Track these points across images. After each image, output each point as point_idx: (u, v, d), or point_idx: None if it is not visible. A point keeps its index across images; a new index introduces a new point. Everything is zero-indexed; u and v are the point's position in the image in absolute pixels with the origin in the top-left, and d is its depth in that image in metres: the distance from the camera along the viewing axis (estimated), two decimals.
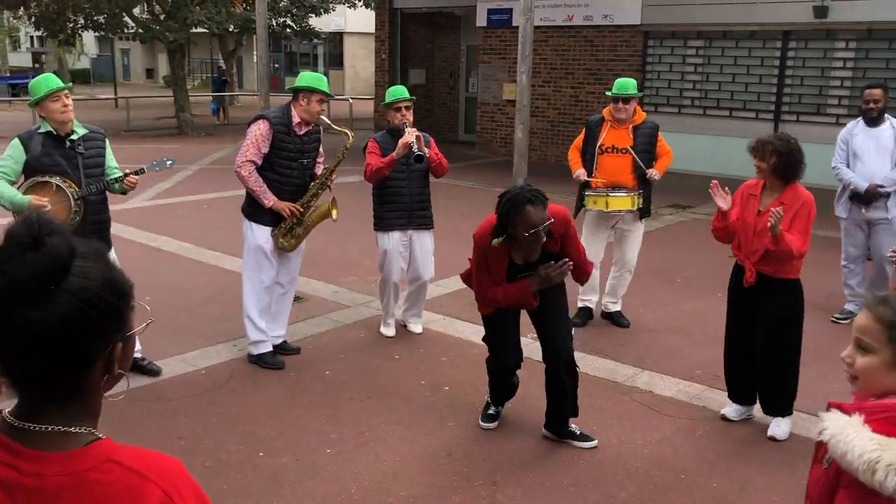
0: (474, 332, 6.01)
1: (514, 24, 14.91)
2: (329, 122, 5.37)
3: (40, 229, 1.12)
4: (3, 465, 1.13)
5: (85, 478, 1.13)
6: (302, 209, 5.24)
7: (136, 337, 1.30)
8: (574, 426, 4.35)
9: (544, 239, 3.92)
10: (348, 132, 5.42)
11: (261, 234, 5.19)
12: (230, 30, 21.69)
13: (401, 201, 5.69)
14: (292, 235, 5.29)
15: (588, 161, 6.08)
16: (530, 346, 5.74)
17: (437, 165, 5.69)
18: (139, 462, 1.16)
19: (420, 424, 4.51)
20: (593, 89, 15.14)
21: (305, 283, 7.17)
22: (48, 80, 4.64)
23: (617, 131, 5.99)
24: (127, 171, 4.87)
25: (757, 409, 4.61)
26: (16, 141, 4.64)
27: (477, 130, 17.38)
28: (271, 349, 5.35)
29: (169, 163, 5.19)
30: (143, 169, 4.97)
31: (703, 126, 13.98)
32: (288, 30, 23.73)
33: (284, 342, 5.54)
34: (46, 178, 4.57)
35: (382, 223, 5.76)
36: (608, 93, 6.09)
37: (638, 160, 5.92)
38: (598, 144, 6.00)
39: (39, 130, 4.65)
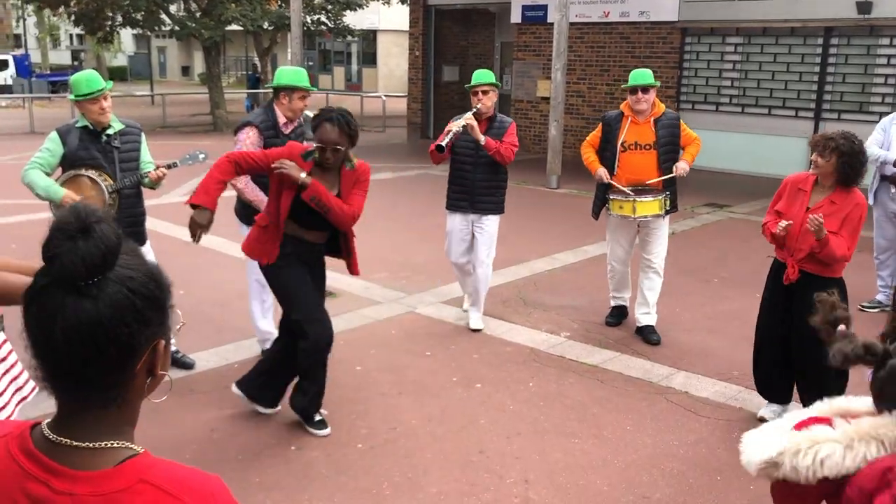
0: (506, 330, 5.97)
1: (549, 20, 14.81)
2: (311, 115, 5.36)
3: (87, 217, 1.10)
4: (36, 481, 1.10)
5: (117, 499, 1.08)
6: None
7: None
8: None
9: (330, 160, 4.01)
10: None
11: None
12: (265, 27, 21.82)
13: (464, 185, 5.83)
14: None
15: (608, 159, 5.72)
16: (541, 338, 5.69)
17: (495, 154, 5.63)
18: (174, 484, 1.11)
19: (451, 421, 4.48)
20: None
21: (337, 278, 7.16)
22: (90, 82, 4.66)
23: (638, 126, 5.65)
24: (158, 164, 4.90)
25: (792, 408, 4.51)
26: (54, 134, 4.71)
27: None
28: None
29: (202, 156, 5.20)
30: (175, 163, 5.01)
31: (740, 124, 13.77)
32: (322, 27, 23.82)
33: None
34: (82, 172, 4.63)
35: (447, 204, 5.97)
36: (624, 85, 5.80)
37: (665, 177, 5.60)
38: (620, 141, 5.66)
39: (77, 124, 4.71)
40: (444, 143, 5.57)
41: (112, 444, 1.13)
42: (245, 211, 5.21)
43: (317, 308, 4.25)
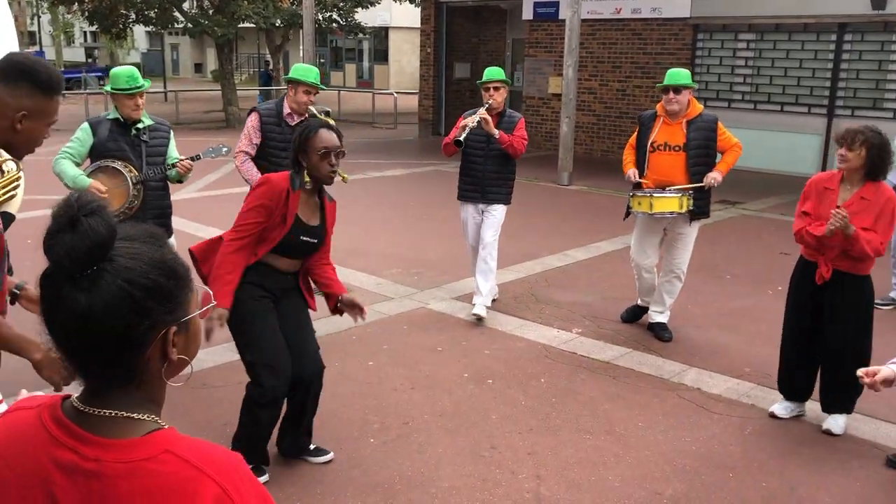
0: (518, 326, 5.97)
1: (561, 17, 14.78)
2: (315, 111, 5.52)
3: (79, 210, 1.11)
4: (66, 448, 1.13)
5: (142, 467, 1.11)
6: None
7: (201, 323, 1.27)
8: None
9: (336, 167, 3.58)
10: (329, 121, 5.53)
11: None
12: (277, 24, 21.86)
13: (474, 176, 6.02)
14: None
15: (639, 159, 5.64)
16: (553, 335, 5.70)
17: (508, 146, 5.83)
18: (197, 455, 1.14)
19: (463, 416, 4.49)
20: (640, 83, 14.95)
21: (350, 274, 7.20)
22: (130, 78, 4.79)
23: (670, 127, 5.52)
24: (181, 157, 4.98)
25: (808, 407, 4.50)
26: (85, 125, 4.88)
27: None
28: None
29: (225, 150, 5.29)
30: (198, 155, 5.14)
31: (753, 121, 13.70)
32: (334, 24, 23.85)
33: None
34: (108, 163, 4.75)
35: (459, 194, 6.17)
36: (658, 86, 5.72)
37: (692, 187, 5.45)
38: (650, 141, 5.58)
39: (109, 116, 4.87)
40: (461, 138, 5.70)
41: (138, 416, 1.16)
42: None
43: (275, 351, 3.65)
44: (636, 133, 5.80)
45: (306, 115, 5.42)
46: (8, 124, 2.35)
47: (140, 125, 4.86)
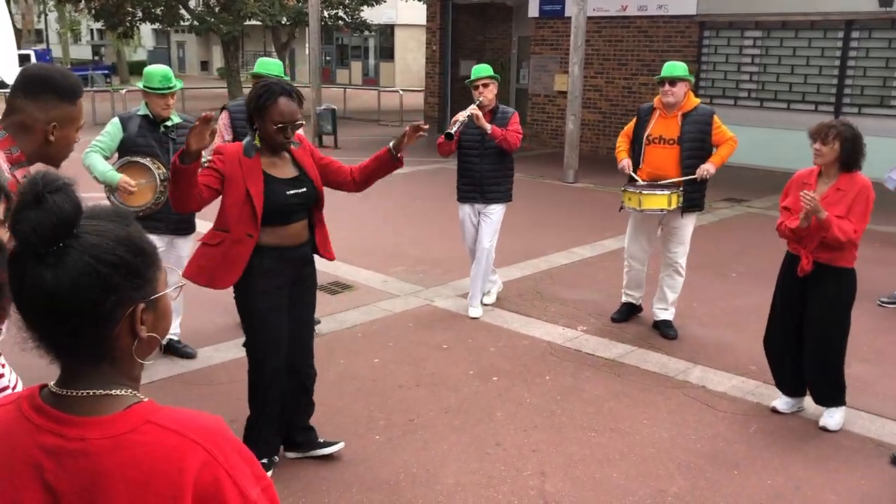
0: (523, 324, 5.98)
1: (567, 14, 14.75)
2: None
3: (44, 187, 1.12)
4: (48, 433, 1.15)
5: (126, 439, 1.13)
6: None
7: (172, 303, 1.29)
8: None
9: (290, 140, 3.50)
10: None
11: None
12: (283, 22, 21.93)
13: (471, 176, 5.98)
14: None
15: (636, 151, 5.73)
16: (558, 332, 5.70)
17: (502, 141, 5.81)
18: (179, 422, 1.16)
19: (468, 413, 4.50)
20: (647, 81, 14.91)
21: (356, 272, 7.22)
22: (164, 78, 4.87)
23: (665, 120, 5.56)
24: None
25: (808, 401, 4.53)
26: (116, 119, 4.96)
27: (527, 122, 17.26)
28: None
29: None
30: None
31: (759, 118, 13.68)
32: (340, 22, 23.88)
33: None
34: (137, 159, 4.81)
35: (458, 196, 6.14)
36: (656, 78, 5.77)
37: (685, 178, 5.47)
38: (646, 134, 5.64)
39: (139, 112, 4.95)
40: (452, 131, 5.64)
41: (116, 392, 1.17)
42: None
43: (274, 334, 3.67)
44: (633, 125, 5.85)
45: None
46: (42, 138, 2.45)
47: (169, 123, 4.94)
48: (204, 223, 9.05)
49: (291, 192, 3.58)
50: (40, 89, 2.46)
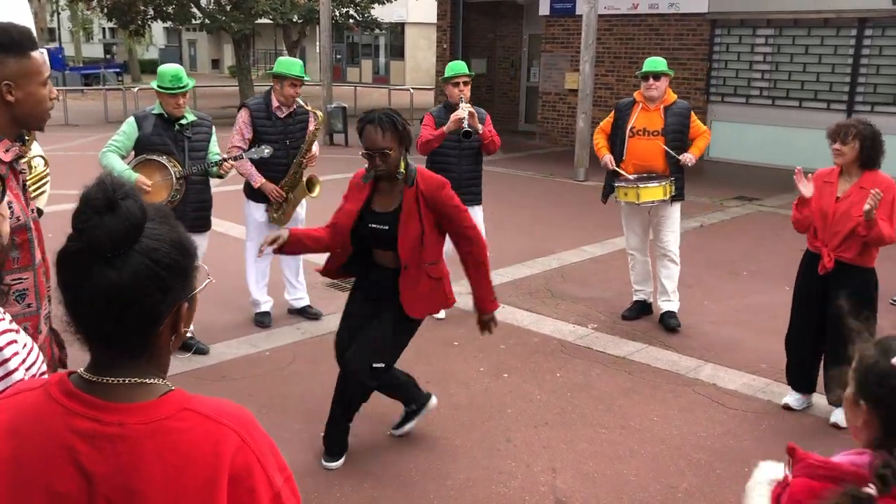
0: (533, 321, 6.00)
1: (578, 12, 14.73)
2: (303, 102, 5.60)
3: (115, 192, 1.17)
4: (83, 418, 1.18)
5: (164, 425, 1.18)
6: (285, 190, 5.57)
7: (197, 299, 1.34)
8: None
9: (378, 168, 3.60)
10: (317, 112, 5.67)
11: (257, 211, 5.65)
12: (294, 20, 21.96)
13: (449, 178, 5.72)
14: (282, 211, 5.63)
15: (618, 145, 5.85)
16: (569, 330, 5.71)
17: (490, 143, 5.77)
18: (214, 410, 1.23)
19: (479, 410, 4.52)
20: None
21: None
22: (175, 78, 4.91)
23: (648, 113, 5.77)
24: (225, 157, 5.08)
25: (817, 398, 4.54)
26: (131, 119, 5.01)
27: (538, 120, 17.26)
28: (266, 311, 5.82)
29: (267, 151, 5.30)
30: (241, 155, 5.25)
31: (771, 117, 13.62)
32: (350, 20, 23.90)
33: (308, 306, 5.97)
34: (153, 157, 4.87)
35: None
36: (637, 73, 5.95)
37: (669, 151, 5.65)
38: (629, 127, 5.78)
39: (153, 111, 4.99)
40: (472, 129, 5.51)
41: (150, 381, 1.22)
42: (249, 188, 5.64)
43: (341, 336, 3.94)
44: (612, 120, 5.99)
45: (294, 107, 5.53)
46: (0, 101, 2.28)
47: (184, 121, 4.98)
48: (218, 221, 9.09)
49: (373, 224, 3.75)
50: None
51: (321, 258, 4.05)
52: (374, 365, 3.76)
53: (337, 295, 6.49)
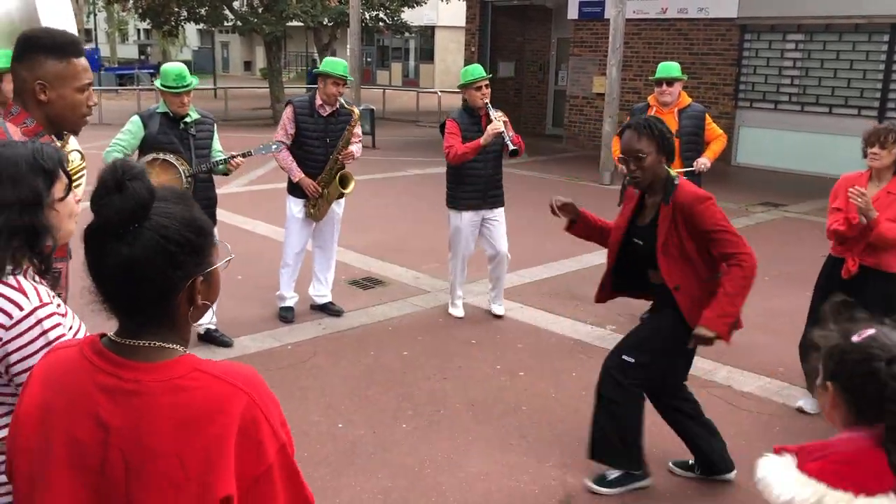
0: (551, 322, 6.05)
1: (606, 16, 14.75)
2: (343, 101, 5.71)
3: (123, 174, 1.28)
4: (106, 374, 1.31)
5: (177, 383, 1.30)
6: (321, 185, 5.71)
7: (219, 274, 1.44)
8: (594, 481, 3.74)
9: (636, 172, 3.41)
10: (355, 110, 5.77)
11: (296, 206, 5.80)
12: (325, 23, 22.16)
13: (476, 182, 5.84)
14: (318, 207, 5.76)
15: None
16: (586, 330, 5.75)
17: (519, 145, 5.75)
18: (224, 371, 1.34)
19: (493, 406, 4.59)
20: (686, 84, 14.82)
21: (389, 268, 7.35)
22: (178, 76, 4.97)
23: (662, 116, 5.69)
24: (233, 153, 5.19)
25: None
26: (136, 118, 5.07)
27: (565, 124, 17.29)
28: (290, 305, 5.94)
29: (274, 147, 5.46)
30: (250, 152, 5.34)
31: (800, 123, 13.53)
32: (380, 23, 24.08)
33: (330, 303, 6.08)
34: (161, 156, 4.94)
35: (456, 202, 5.93)
36: (651, 77, 6.06)
37: (680, 172, 5.64)
38: None
39: (158, 110, 5.07)
40: (515, 147, 5.57)
41: (169, 345, 1.34)
42: (290, 184, 5.80)
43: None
44: None
45: (337, 106, 5.64)
46: (33, 99, 2.39)
47: (188, 119, 5.06)
48: (245, 219, 9.19)
49: (635, 239, 3.60)
50: (25, 49, 2.39)
51: (353, 259, 4.13)
52: (625, 357, 3.57)
53: (358, 293, 6.61)
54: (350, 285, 6.77)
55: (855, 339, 1.59)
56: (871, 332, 1.59)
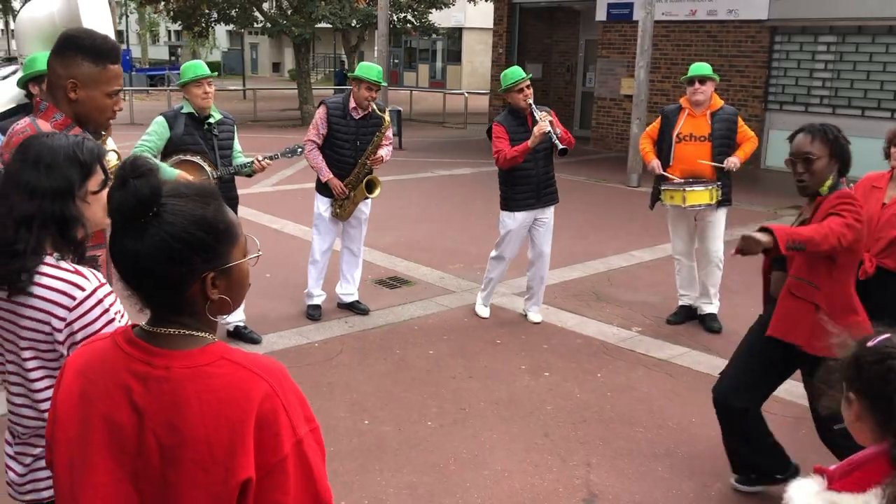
0: (577, 323, 6.06)
1: (635, 18, 14.69)
2: (376, 107, 5.75)
3: (130, 172, 1.33)
4: (139, 361, 1.37)
5: (204, 370, 1.35)
6: (348, 187, 5.78)
7: (247, 270, 1.45)
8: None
9: (802, 175, 3.29)
10: (385, 117, 5.81)
11: (322, 205, 5.88)
12: (353, 25, 22.31)
13: (529, 182, 5.80)
14: (343, 207, 5.84)
15: (665, 150, 5.89)
16: (612, 332, 5.74)
17: (567, 143, 5.68)
18: (248, 360, 1.38)
19: (518, 405, 4.61)
20: (716, 86, 14.70)
21: (415, 268, 7.40)
22: (196, 67, 5.12)
23: (694, 119, 5.81)
24: (259, 156, 5.26)
25: None
26: (160, 118, 5.07)
27: (592, 126, 17.24)
28: (317, 304, 6.01)
29: (300, 150, 5.52)
30: (276, 155, 5.41)
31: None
32: (408, 25, 24.18)
33: (357, 301, 6.15)
34: (189, 157, 5.00)
35: (510, 204, 5.86)
36: (682, 78, 5.98)
37: (714, 164, 5.68)
38: (676, 133, 5.82)
39: (182, 111, 5.12)
40: (562, 146, 5.51)
41: (197, 333, 1.39)
42: (319, 183, 5.87)
43: (732, 364, 3.76)
44: (658, 125, 6.03)
45: (370, 110, 5.69)
46: (64, 95, 2.46)
47: (211, 119, 5.13)
48: (274, 219, 9.30)
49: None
50: (64, 46, 2.47)
51: (379, 258, 4.17)
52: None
53: (384, 292, 6.66)
54: (376, 285, 6.83)
55: (870, 343, 1.60)
56: (885, 335, 1.61)
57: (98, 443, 1.35)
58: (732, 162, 5.73)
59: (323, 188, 5.83)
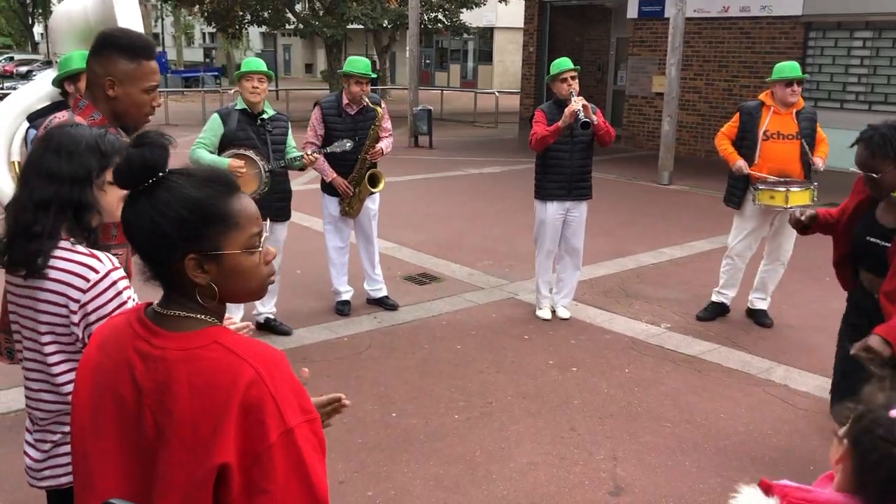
0: (606, 319, 6.05)
1: (666, 15, 14.59)
2: (367, 100, 5.78)
3: (151, 138, 1.39)
4: (143, 340, 1.43)
5: (195, 353, 1.38)
6: (352, 184, 5.83)
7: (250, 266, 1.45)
8: None
9: (871, 187, 3.25)
10: (378, 108, 5.83)
11: (331, 204, 5.94)
12: (384, 25, 22.46)
13: (562, 172, 5.79)
14: (351, 205, 5.91)
15: (748, 149, 5.74)
16: (641, 328, 5.72)
17: (605, 133, 5.66)
18: (240, 346, 1.40)
19: (545, 400, 4.63)
20: (748, 83, 14.57)
21: (444, 265, 7.44)
22: (249, 63, 5.33)
23: (781, 117, 5.68)
24: (308, 150, 5.42)
25: None
26: (215, 116, 5.27)
27: (623, 123, 17.14)
28: (346, 300, 6.07)
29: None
30: (324, 149, 5.53)
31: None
32: (439, 25, 24.26)
33: (386, 297, 6.19)
34: (242, 151, 5.13)
35: (542, 193, 5.89)
36: (775, 76, 5.74)
37: (806, 147, 5.64)
38: (763, 131, 5.70)
39: (236, 107, 5.29)
40: (587, 119, 5.48)
41: (199, 316, 1.43)
42: (325, 183, 5.96)
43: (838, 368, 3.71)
44: (737, 123, 5.88)
45: (364, 104, 5.74)
46: (103, 94, 2.54)
47: (264, 115, 5.27)
48: (302, 216, 9.41)
49: (871, 238, 3.33)
50: (102, 45, 2.53)
51: (408, 255, 4.22)
52: None
53: (413, 288, 6.71)
54: (405, 281, 6.88)
55: (893, 413, 1.49)
56: None
57: (108, 412, 1.42)
58: (819, 161, 5.70)
59: (329, 187, 5.90)
